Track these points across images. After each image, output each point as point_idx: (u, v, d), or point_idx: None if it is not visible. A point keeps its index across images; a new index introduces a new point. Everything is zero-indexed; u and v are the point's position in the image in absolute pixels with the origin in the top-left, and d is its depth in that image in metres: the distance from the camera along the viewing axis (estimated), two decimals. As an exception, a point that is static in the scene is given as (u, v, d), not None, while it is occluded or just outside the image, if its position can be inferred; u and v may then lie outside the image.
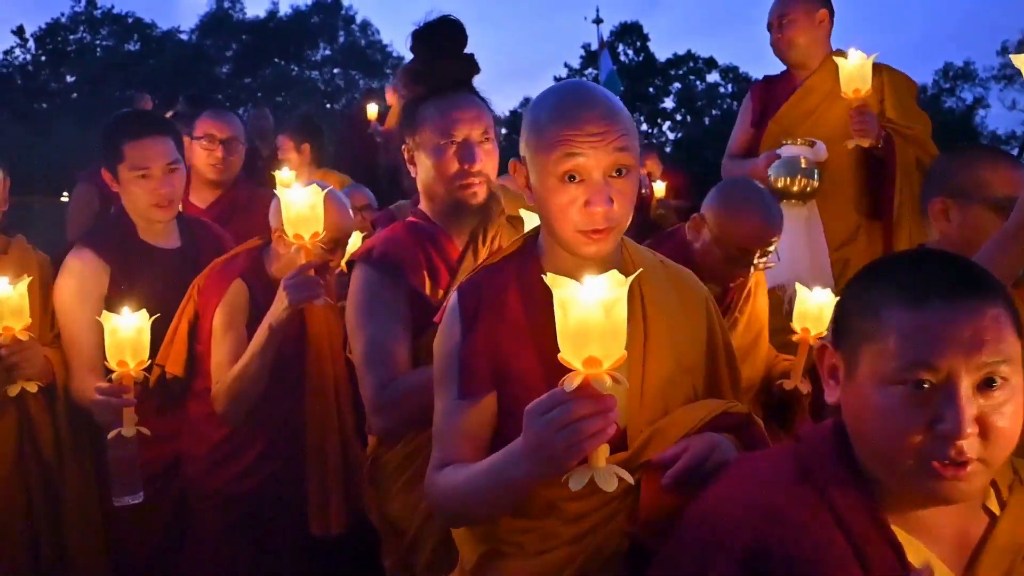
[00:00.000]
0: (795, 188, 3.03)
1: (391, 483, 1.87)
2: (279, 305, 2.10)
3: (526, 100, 36.00)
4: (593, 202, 1.30)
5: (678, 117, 34.56)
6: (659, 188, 7.12)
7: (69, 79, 30.62)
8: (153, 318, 2.02)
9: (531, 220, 2.60)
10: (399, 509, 1.85)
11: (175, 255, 2.52)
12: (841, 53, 3.20)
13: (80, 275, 2.35)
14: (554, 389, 1.08)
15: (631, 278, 1.07)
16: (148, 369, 2.04)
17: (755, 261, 2.17)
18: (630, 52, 34.10)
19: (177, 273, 2.46)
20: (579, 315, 1.05)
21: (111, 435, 1.96)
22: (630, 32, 33.96)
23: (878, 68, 3.09)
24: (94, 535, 2.33)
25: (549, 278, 1.07)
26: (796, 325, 2.16)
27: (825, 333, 2.10)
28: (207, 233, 2.69)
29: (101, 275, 2.37)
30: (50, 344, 2.30)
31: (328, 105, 30.47)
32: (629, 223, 1.39)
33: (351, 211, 2.43)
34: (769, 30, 3.37)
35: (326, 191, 2.10)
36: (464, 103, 1.87)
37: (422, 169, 1.92)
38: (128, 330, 1.96)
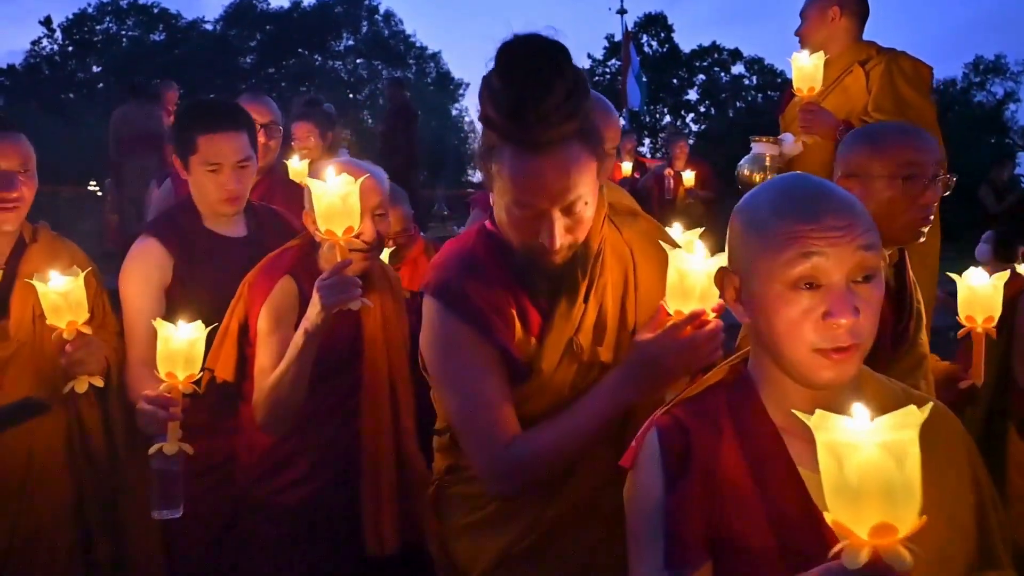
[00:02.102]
0: (757, 181, 3.24)
1: (458, 519, 1.74)
2: (313, 309, 1.94)
3: (549, 91, 35.77)
4: (835, 312, 1.07)
5: (702, 109, 34.31)
6: (688, 177, 7.08)
7: (96, 69, 30.89)
8: (211, 328, 1.96)
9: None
10: (464, 551, 1.71)
11: (241, 244, 2.44)
12: (870, 45, 3.20)
13: (144, 265, 2.31)
14: (828, 564, 0.88)
15: (925, 412, 0.83)
16: (198, 382, 1.96)
17: (933, 177, 1.93)
18: (654, 43, 33.86)
19: (242, 263, 2.35)
20: (861, 465, 0.83)
21: (152, 450, 1.87)
22: (654, 23, 33.71)
23: (880, 57, 3.12)
24: (151, 537, 2.24)
25: (816, 417, 0.86)
26: (962, 314, 2.07)
27: (996, 318, 2.05)
28: (275, 221, 2.58)
29: (164, 265, 2.31)
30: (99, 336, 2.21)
31: (351, 95, 30.54)
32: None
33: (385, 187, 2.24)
34: None
35: (363, 178, 1.90)
36: (552, 168, 1.47)
37: (497, 205, 1.60)
38: (181, 341, 1.87)
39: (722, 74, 34.61)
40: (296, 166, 3.83)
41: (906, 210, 1.92)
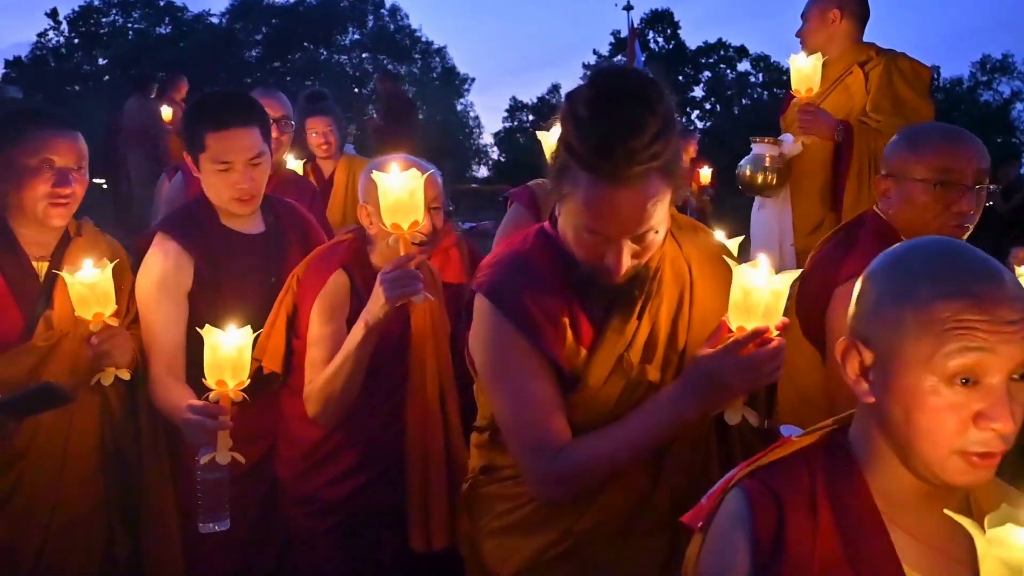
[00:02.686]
0: (758, 181, 3.30)
1: (490, 518, 1.71)
2: (376, 302, 1.91)
3: (554, 87, 35.88)
4: (993, 416, 0.94)
5: (708, 106, 34.27)
6: (706, 174, 7.02)
7: (101, 62, 30.94)
8: (257, 334, 1.93)
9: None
10: (492, 551, 1.70)
11: (259, 240, 2.36)
12: (870, 47, 3.23)
13: (163, 268, 2.21)
14: None
15: None
16: (247, 389, 1.90)
17: (972, 185, 1.89)
18: (660, 40, 33.83)
19: (262, 260, 2.33)
20: None
21: (204, 460, 1.83)
22: (660, 19, 33.67)
23: (879, 59, 3.15)
24: (170, 536, 2.21)
25: (994, 529, 0.82)
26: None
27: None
28: (293, 215, 2.51)
29: (185, 267, 2.22)
30: (129, 330, 2.18)
31: (356, 89, 30.54)
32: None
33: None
34: None
35: (428, 173, 1.91)
36: (629, 201, 1.43)
37: (564, 221, 1.55)
38: (229, 348, 1.82)
39: (728, 71, 34.57)
40: (291, 164, 3.82)
41: (938, 215, 1.90)
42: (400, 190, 1.83)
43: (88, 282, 1.96)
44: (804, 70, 3.04)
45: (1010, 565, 0.78)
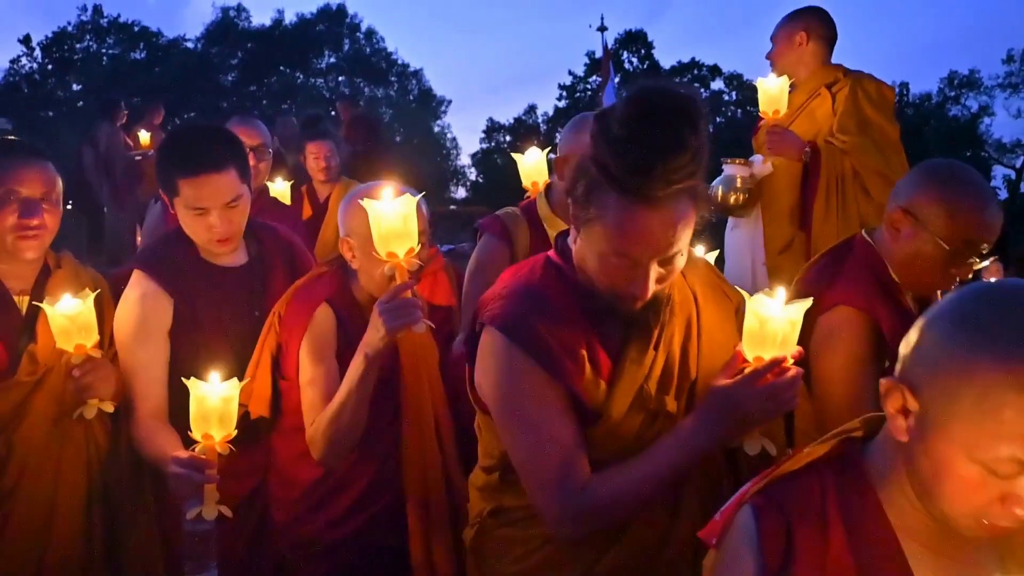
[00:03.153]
0: (730, 201, 3.36)
1: (503, 564, 1.65)
2: (374, 334, 1.83)
3: (530, 107, 36.09)
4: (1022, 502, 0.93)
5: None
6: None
7: (75, 87, 30.72)
8: (242, 383, 1.87)
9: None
10: None
11: (241, 273, 2.28)
12: (837, 68, 3.30)
13: (141, 308, 2.13)
14: None
15: None
16: (234, 441, 1.84)
17: (980, 256, 1.88)
18: (635, 60, 34.11)
19: (245, 292, 2.25)
20: None
21: (190, 515, 1.79)
22: (634, 40, 33.98)
23: (846, 80, 3.22)
24: (151, 569, 2.14)
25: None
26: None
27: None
28: (276, 241, 2.41)
29: (165, 307, 2.15)
30: (112, 362, 2.13)
31: (333, 113, 30.52)
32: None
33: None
34: None
35: (420, 196, 1.88)
36: (661, 223, 1.40)
37: (584, 247, 1.52)
38: (215, 400, 1.77)
39: (702, 90, 34.89)
40: (278, 187, 3.81)
41: (938, 272, 1.88)
42: (394, 216, 1.78)
43: (69, 314, 1.93)
44: (771, 92, 3.11)
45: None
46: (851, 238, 2.09)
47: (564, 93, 34.23)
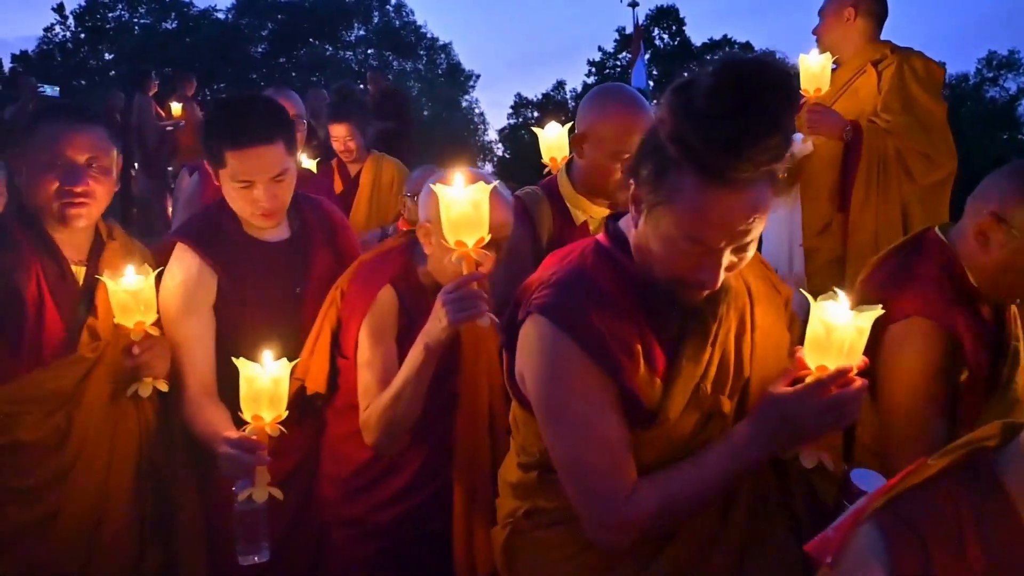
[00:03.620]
0: None
1: (538, 569, 1.58)
2: (437, 324, 1.77)
3: (559, 83, 35.88)
4: None
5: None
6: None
7: (107, 56, 30.95)
8: (292, 364, 1.84)
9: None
10: None
11: (283, 248, 2.23)
12: (885, 45, 3.22)
13: (186, 282, 2.10)
14: None
15: None
16: (285, 422, 1.80)
17: None
18: (665, 36, 33.74)
19: (287, 268, 2.20)
20: None
21: (240, 497, 1.75)
22: (666, 16, 33.59)
23: (893, 57, 3.14)
24: (199, 551, 2.12)
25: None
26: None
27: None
28: (319, 214, 2.36)
29: (208, 282, 2.12)
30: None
31: (362, 86, 30.50)
32: None
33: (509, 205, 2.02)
34: None
35: (492, 186, 1.75)
36: (742, 207, 1.30)
37: (648, 231, 1.41)
38: (266, 380, 1.73)
39: (734, 68, 34.43)
40: (306, 164, 3.84)
41: (1020, 278, 1.79)
42: (465, 204, 1.69)
43: (131, 289, 1.90)
44: (813, 69, 3.04)
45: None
46: (920, 235, 1.94)
47: (593, 69, 33.98)
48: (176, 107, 7.86)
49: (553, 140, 2.84)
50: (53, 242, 1.98)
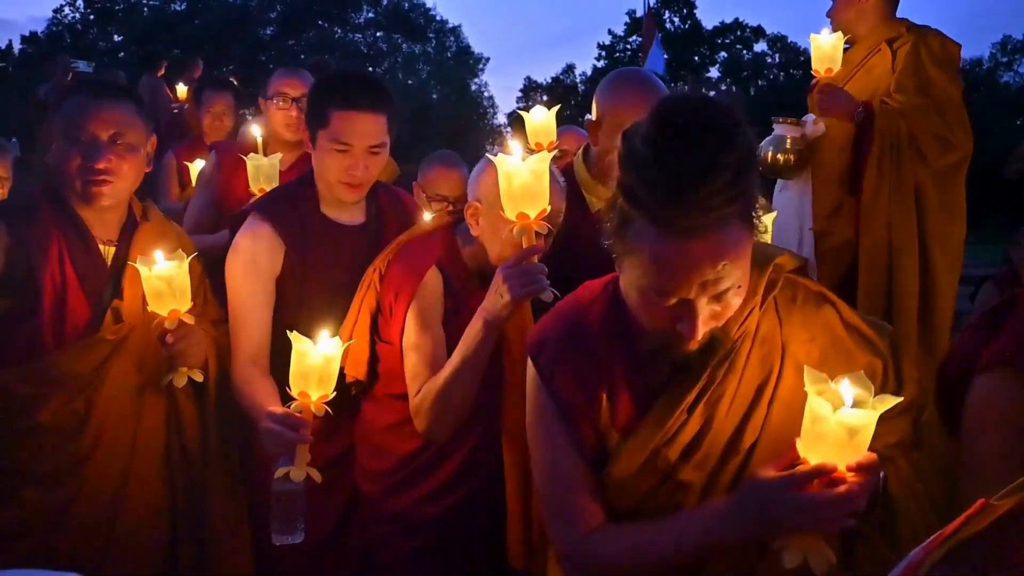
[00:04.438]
0: (780, 162, 3.24)
1: None
2: (498, 300, 1.72)
3: (568, 67, 35.73)
4: None
5: (723, 87, 33.95)
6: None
7: (117, 38, 30.93)
8: (346, 344, 1.81)
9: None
10: None
11: (358, 232, 2.21)
12: (901, 23, 3.16)
13: (252, 251, 2.10)
14: None
15: None
16: (331, 402, 1.75)
17: None
18: (676, 20, 33.50)
19: (359, 252, 2.17)
20: None
21: (278, 474, 1.70)
22: (677, -1, 33.33)
23: (908, 36, 3.09)
24: (240, 545, 2.06)
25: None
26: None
27: None
28: (396, 203, 2.35)
29: (275, 252, 2.11)
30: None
31: (371, 68, 30.45)
32: None
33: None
34: None
35: (554, 151, 1.76)
36: (705, 256, 1.22)
37: (625, 280, 1.34)
38: (317, 358, 1.68)
39: (744, 52, 34.22)
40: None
41: None
42: (526, 174, 1.64)
43: (165, 276, 1.84)
44: (824, 49, 2.99)
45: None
46: (1015, 294, 1.81)
47: (603, 53, 33.78)
48: (181, 89, 7.83)
49: (539, 124, 2.71)
50: (81, 221, 1.93)
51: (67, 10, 30.93)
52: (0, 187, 3.19)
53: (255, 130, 3.07)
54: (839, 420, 1.18)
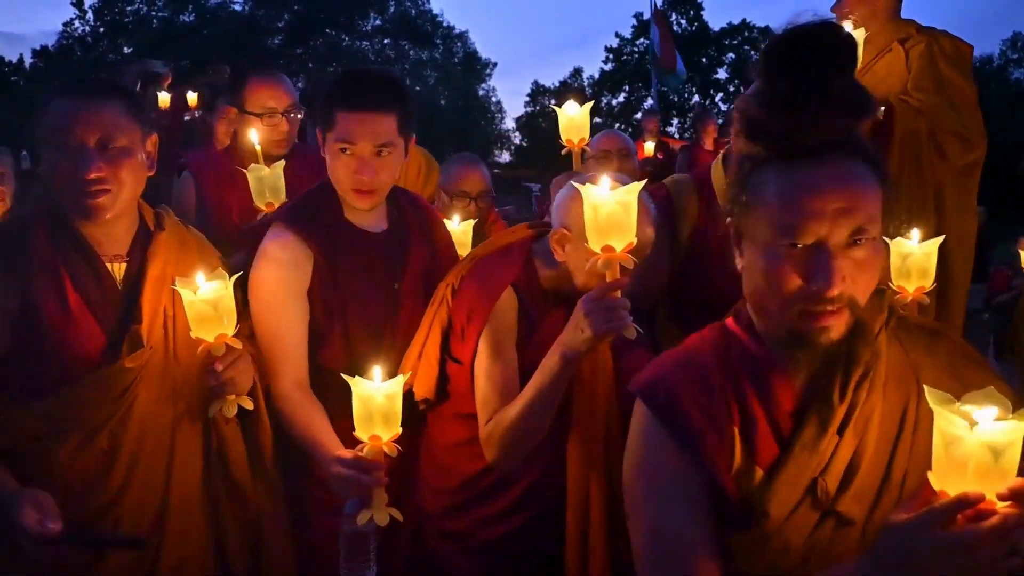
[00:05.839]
0: None
1: None
2: (578, 335, 1.62)
3: (576, 70, 35.69)
4: None
5: (731, 88, 33.89)
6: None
7: (126, 50, 31.10)
8: (406, 378, 1.72)
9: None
10: None
11: (382, 239, 2.12)
12: (909, 24, 3.14)
13: (281, 264, 1.99)
14: None
15: None
16: (400, 439, 1.67)
17: None
18: (683, 21, 33.45)
19: (385, 259, 2.09)
20: None
21: (361, 520, 1.61)
22: (683, 1, 33.28)
23: (920, 36, 3.07)
24: (289, 568, 1.95)
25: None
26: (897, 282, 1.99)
27: (931, 286, 1.99)
28: (417, 210, 2.26)
29: (304, 263, 2.00)
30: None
31: (378, 76, 30.53)
32: None
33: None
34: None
35: (641, 186, 1.61)
36: (832, 179, 1.17)
37: (749, 270, 1.27)
38: (380, 398, 1.61)
39: (752, 53, 34.09)
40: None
41: None
42: (614, 205, 1.56)
43: (211, 299, 1.69)
44: (575, 119, 2.77)
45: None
46: None
47: (611, 56, 33.76)
48: (192, 97, 7.80)
49: (572, 120, 2.60)
50: (82, 238, 1.76)
51: (77, 23, 31.17)
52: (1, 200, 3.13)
53: (253, 136, 2.72)
54: (979, 439, 1.00)
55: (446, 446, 2.00)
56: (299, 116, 2.95)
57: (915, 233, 1.75)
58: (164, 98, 7.69)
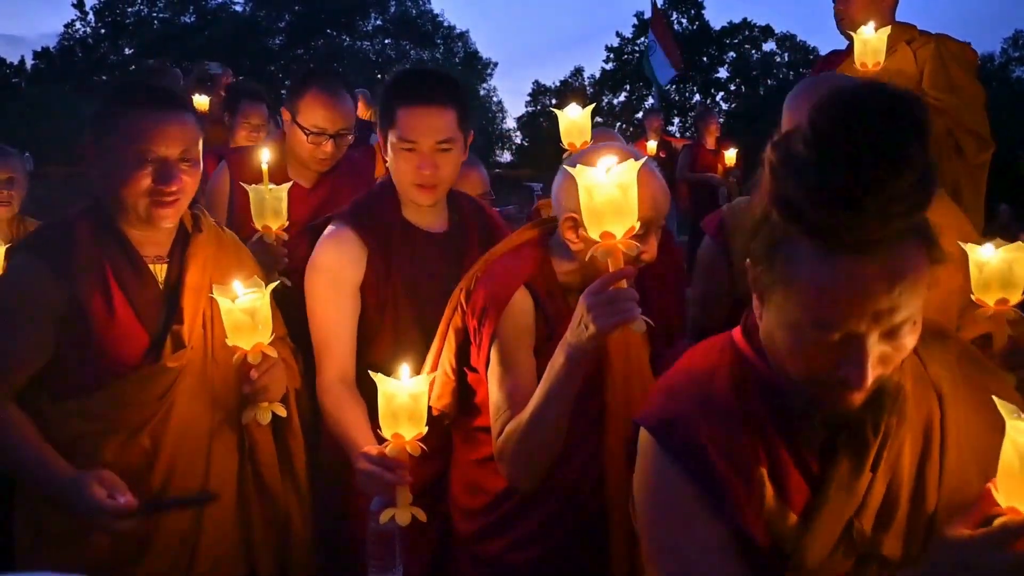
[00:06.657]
0: None
1: None
2: (582, 331, 1.47)
3: (577, 70, 35.70)
4: None
5: (732, 87, 33.89)
6: (731, 156, 7.00)
7: (127, 51, 31.15)
8: (432, 376, 1.71)
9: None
10: None
11: (441, 240, 2.12)
12: (911, 27, 3.15)
13: (335, 258, 2.02)
14: None
15: None
16: (425, 439, 1.64)
17: None
18: (684, 20, 33.44)
19: (442, 261, 2.08)
20: None
21: (383, 518, 1.58)
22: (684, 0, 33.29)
23: (924, 38, 3.09)
24: (310, 569, 1.98)
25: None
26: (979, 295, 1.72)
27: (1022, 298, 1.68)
28: (478, 213, 2.25)
29: (359, 258, 2.02)
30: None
31: (380, 76, 30.57)
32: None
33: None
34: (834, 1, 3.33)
35: (641, 162, 1.44)
36: (880, 277, 1.00)
37: (770, 319, 1.12)
38: (405, 398, 1.58)
39: (753, 51, 34.11)
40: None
41: None
42: (612, 188, 1.39)
43: (248, 308, 1.71)
44: (872, 42, 2.88)
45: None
46: None
47: (611, 55, 33.74)
48: (201, 100, 7.77)
49: (574, 123, 2.55)
50: (128, 241, 1.79)
51: (78, 24, 31.21)
52: (7, 204, 3.18)
53: (265, 155, 2.49)
54: None
55: (472, 462, 1.89)
56: (350, 138, 2.82)
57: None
58: (202, 101, 7.60)
